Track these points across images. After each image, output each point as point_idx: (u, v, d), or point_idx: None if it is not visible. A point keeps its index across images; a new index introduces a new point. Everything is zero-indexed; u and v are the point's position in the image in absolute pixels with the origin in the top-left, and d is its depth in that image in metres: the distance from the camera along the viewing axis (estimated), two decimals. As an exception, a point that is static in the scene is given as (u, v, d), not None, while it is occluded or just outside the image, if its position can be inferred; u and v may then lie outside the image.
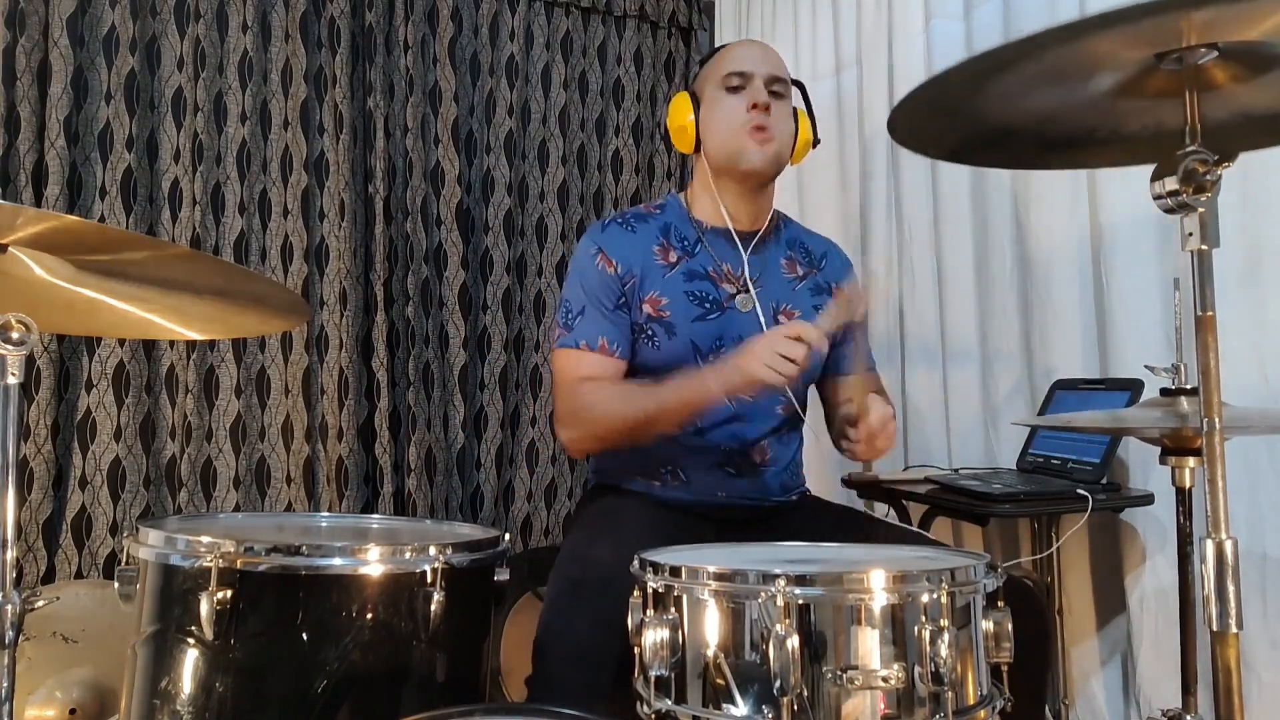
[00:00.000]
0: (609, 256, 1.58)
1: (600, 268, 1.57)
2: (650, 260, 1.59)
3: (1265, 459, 1.64)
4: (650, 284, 1.58)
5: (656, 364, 1.55)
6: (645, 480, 1.60)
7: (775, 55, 1.67)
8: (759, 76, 1.59)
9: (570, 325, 1.57)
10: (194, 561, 1.11)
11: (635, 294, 1.57)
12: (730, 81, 1.60)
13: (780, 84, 1.62)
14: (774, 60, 1.65)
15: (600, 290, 1.57)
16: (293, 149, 2.48)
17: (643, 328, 1.57)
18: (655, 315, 1.57)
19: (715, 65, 1.66)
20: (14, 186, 2.19)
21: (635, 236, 1.62)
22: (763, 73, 1.60)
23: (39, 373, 2.19)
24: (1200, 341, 0.94)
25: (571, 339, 1.56)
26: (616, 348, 1.55)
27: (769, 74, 1.60)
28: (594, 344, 1.55)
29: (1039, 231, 2.03)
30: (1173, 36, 0.92)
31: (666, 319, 1.56)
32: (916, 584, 0.96)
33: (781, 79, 1.62)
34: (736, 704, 0.96)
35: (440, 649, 1.17)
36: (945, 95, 1.03)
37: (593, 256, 1.59)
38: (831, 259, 1.74)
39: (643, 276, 1.58)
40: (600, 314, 1.56)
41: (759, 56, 1.64)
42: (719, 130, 1.60)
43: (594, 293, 1.57)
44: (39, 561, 2.20)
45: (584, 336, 1.55)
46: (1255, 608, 1.63)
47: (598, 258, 1.58)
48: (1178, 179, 0.93)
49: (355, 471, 2.47)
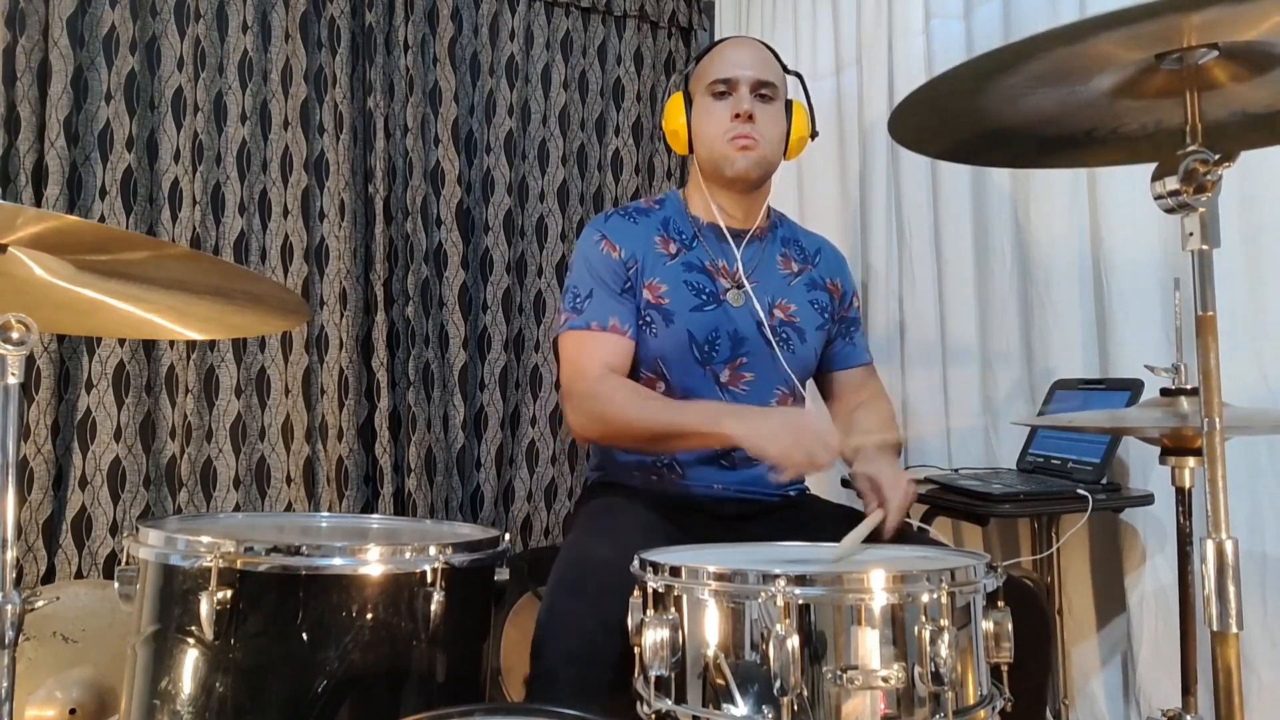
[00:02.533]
0: (613, 243, 1.60)
1: (605, 253, 1.59)
2: (651, 248, 1.61)
3: (1265, 459, 1.64)
4: (651, 271, 1.60)
5: (654, 350, 1.58)
6: (643, 475, 1.62)
7: (764, 55, 1.66)
8: (744, 83, 1.60)
9: (579, 308, 1.57)
10: (194, 561, 1.11)
11: (638, 279, 1.59)
12: (716, 88, 1.61)
13: (768, 87, 1.61)
14: (761, 61, 1.64)
15: (606, 274, 1.58)
16: (293, 149, 2.48)
17: (641, 314, 1.59)
18: (654, 302, 1.59)
19: (705, 67, 1.67)
20: (14, 186, 2.19)
21: (637, 226, 1.64)
22: (748, 78, 1.60)
23: (39, 373, 2.19)
24: (1200, 341, 0.94)
25: (581, 320, 1.56)
26: (628, 328, 1.56)
27: (754, 78, 1.60)
28: (605, 324, 1.55)
29: (1039, 231, 2.03)
30: (1173, 36, 0.92)
31: (665, 306, 1.58)
32: (916, 584, 0.97)
33: (769, 81, 1.62)
34: (736, 704, 0.96)
35: (440, 649, 1.17)
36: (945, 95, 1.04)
37: (597, 243, 1.61)
38: (825, 255, 1.75)
39: (644, 263, 1.60)
40: (608, 295, 1.57)
41: (745, 59, 1.63)
42: (705, 137, 1.62)
43: (600, 276, 1.58)
44: (39, 561, 2.20)
45: (595, 318, 1.56)
46: (1255, 608, 1.62)
47: (602, 244, 1.60)
48: (1178, 179, 0.93)
49: (355, 471, 2.47)
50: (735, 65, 1.62)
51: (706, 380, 1.60)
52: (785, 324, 1.64)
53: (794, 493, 1.68)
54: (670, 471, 1.60)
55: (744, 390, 1.61)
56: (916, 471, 2.06)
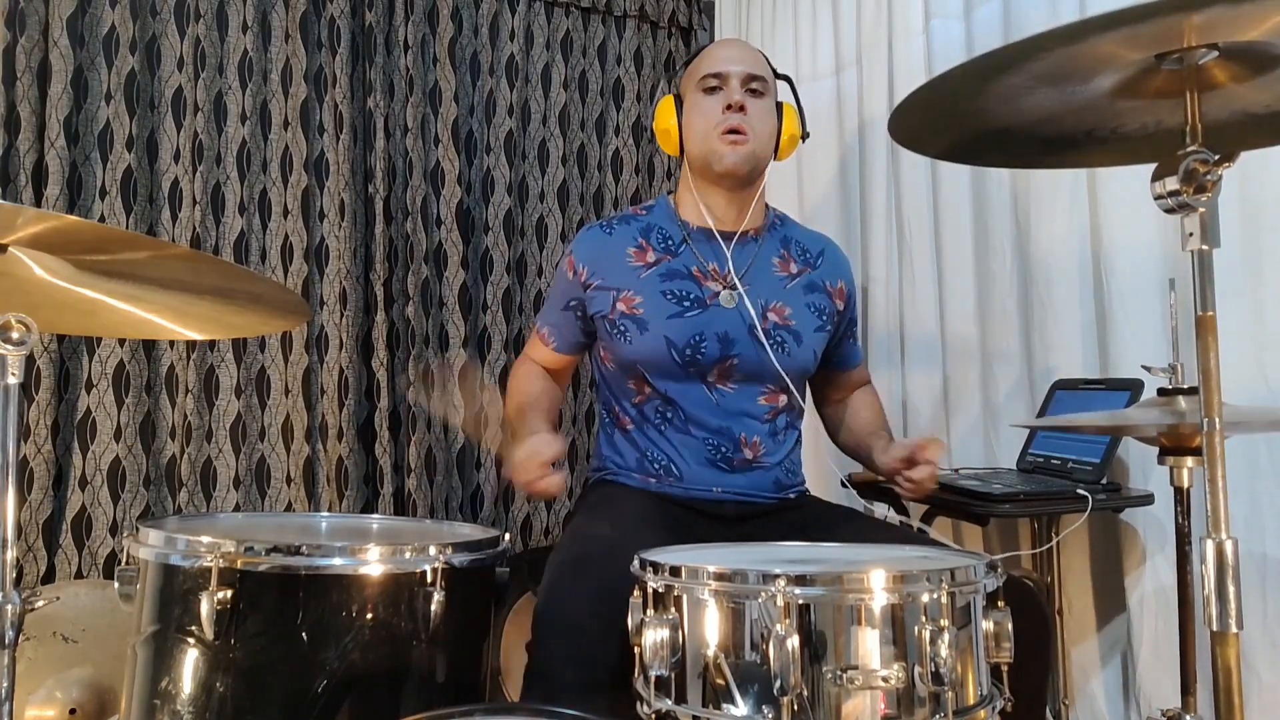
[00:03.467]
0: (575, 261, 1.69)
1: (563, 271, 1.72)
2: (622, 263, 1.65)
3: (1265, 459, 1.64)
4: (622, 284, 1.64)
5: (630, 356, 1.62)
6: (642, 476, 1.62)
7: (754, 53, 1.69)
8: (735, 77, 1.61)
9: (544, 310, 1.80)
10: (194, 561, 1.11)
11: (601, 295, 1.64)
12: (707, 83, 1.63)
13: (759, 82, 1.63)
14: (752, 58, 1.66)
15: (559, 289, 1.74)
16: (293, 149, 2.48)
17: (615, 324, 1.62)
18: (628, 312, 1.61)
19: (695, 67, 1.68)
20: (14, 186, 2.19)
21: (612, 239, 1.69)
22: (738, 72, 1.62)
23: (39, 373, 2.19)
24: (1200, 341, 0.94)
25: (539, 320, 1.80)
26: (553, 340, 1.75)
27: (745, 73, 1.62)
28: (542, 330, 1.77)
29: (1039, 231, 2.03)
30: (1173, 37, 0.92)
31: (639, 315, 1.61)
32: (916, 584, 0.97)
33: (760, 76, 1.63)
34: (736, 704, 0.96)
35: (440, 649, 1.17)
36: (945, 95, 1.04)
37: (565, 257, 1.72)
38: (829, 257, 1.75)
39: (612, 279, 1.64)
40: (552, 308, 1.75)
41: (736, 55, 1.65)
42: (696, 132, 1.64)
43: (556, 288, 1.76)
44: (39, 561, 2.20)
45: (543, 321, 1.78)
46: (1255, 608, 1.63)
47: (565, 260, 1.72)
48: (1178, 179, 0.94)
49: (355, 471, 2.46)
50: (726, 60, 1.64)
51: (692, 381, 1.61)
52: (780, 326, 1.63)
53: (793, 494, 1.68)
54: (668, 474, 1.61)
55: (732, 389, 1.61)
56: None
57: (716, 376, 1.61)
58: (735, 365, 1.60)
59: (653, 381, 1.61)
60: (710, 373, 1.60)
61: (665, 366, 1.59)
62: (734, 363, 1.60)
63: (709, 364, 1.60)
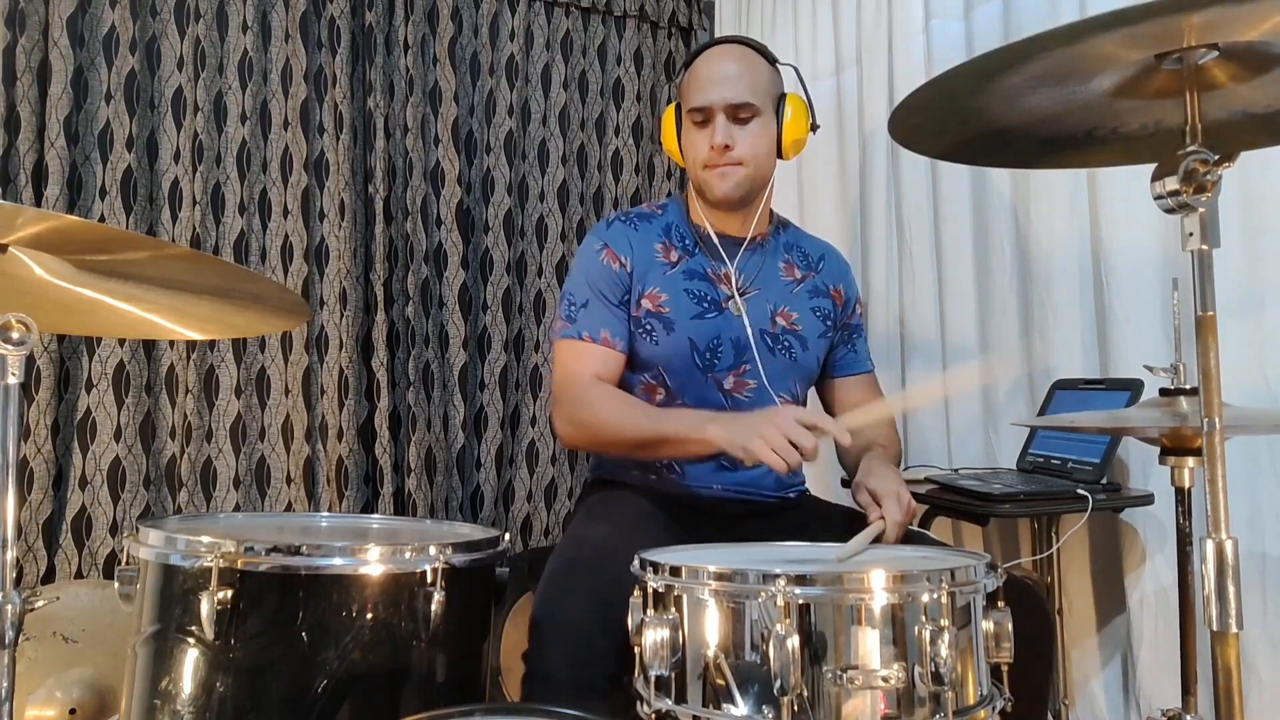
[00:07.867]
0: (615, 252, 1.60)
1: (605, 263, 1.59)
2: (653, 257, 1.61)
3: (1265, 459, 1.64)
4: (652, 280, 1.60)
5: (653, 358, 1.58)
6: (642, 474, 1.62)
7: (743, 67, 1.59)
8: (719, 110, 1.56)
9: (573, 317, 1.58)
10: (194, 561, 1.11)
11: (638, 289, 1.59)
12: (694, 117, 1.59)
13: (746, 108, 1.56)
14: (738, 78, 1.57)
15: (604, 284, 1.59)
16: (293, 149, 2.48)
17: (641, 322, 1.59)
18: (655, 310, 1.59)
19: (686, 86, 1.63)
20: (14, 186, 2.19)
21: (639, 234, 1.64)
22: (721, 103, 1.56)
23: (39, 373, 2.19)
24: (1201, 341, 0.94)
25: (574, 330, 1.57)
26: (619, 341, 1.57)
27: (729, 103, 1.55)
28: (596, 336, 1.56)
29: (1039, 231, 2.03)
30: (1173, 37, 0.92)
31: (666, 315, 1.58)
32: (916, 584, 0.97)
33: (747, 102, 1.56)
34: (736, 704, 0.96)
35: (440, 649, 1.17)
36: (945, 95, 1.04)
37: (598, 252, 1.61)
38: (829, 261, 1.75)
39: (645, 272, 1.60)
40: (603, 307, 1.58)
41: (719, 78, 1.57)
42: (689, 160, 1.63)
43: (597, 286, 1.59)
44: (39, 561, 2.20)
45: (586, 328, 1.57)
46: (1255, 608, 1.62)
47: (603, 253, 1.60)
48: (1178, 179, 0.93)
49: (355, 471, 2.46)
50: (710, 89, 1.56)
51: (709, 387, 1.60)
52: (788, 332, 1.63)
53: (794, 494, 1.68)
54: (669, 471, 1.60)
55: (747, 397, 1.61)
56: (916, 471, 2.06)
57: (733, 385, 1.60)
58: (748, 371, 1.60)
59: (670, 384, 1.59)
60: (725, 379, 1.60)
61: (686, 369, 1.58)
62: (746, 369, 1.60)
63: (724, 369, 1.59)
